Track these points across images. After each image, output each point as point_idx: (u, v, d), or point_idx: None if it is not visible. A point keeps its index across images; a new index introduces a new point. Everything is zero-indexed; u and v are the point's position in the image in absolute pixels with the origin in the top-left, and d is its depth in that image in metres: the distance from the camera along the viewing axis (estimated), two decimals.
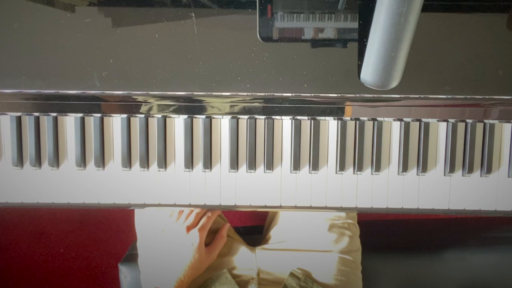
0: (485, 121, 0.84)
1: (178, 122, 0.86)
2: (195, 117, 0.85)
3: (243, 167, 0.87)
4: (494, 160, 0.86)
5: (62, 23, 0.74)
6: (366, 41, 0.68)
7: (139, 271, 1.03)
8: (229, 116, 0.84)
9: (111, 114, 0.83)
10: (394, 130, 0.87)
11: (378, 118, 0.84)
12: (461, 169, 0.87)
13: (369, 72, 0.68)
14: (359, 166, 0.86)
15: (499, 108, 0.79)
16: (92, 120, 0.86)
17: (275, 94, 0.75)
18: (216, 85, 0.75)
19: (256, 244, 1.06)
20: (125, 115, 0.84)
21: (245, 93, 0.75)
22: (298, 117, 0.84)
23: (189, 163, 0.86)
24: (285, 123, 0.86)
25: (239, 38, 0.74)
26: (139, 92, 0.76)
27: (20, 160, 0.86)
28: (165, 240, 0.95)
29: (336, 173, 0.87)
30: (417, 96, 0.75)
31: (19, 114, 0.84)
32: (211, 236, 0.98)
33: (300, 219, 1.03)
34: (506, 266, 1.10)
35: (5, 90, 0.75)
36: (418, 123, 0.86)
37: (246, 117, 0.84)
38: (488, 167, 0.86)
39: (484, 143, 0.86)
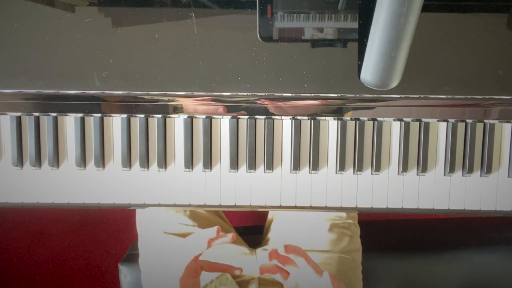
0: (485, 121, 0.84)
1: (178, 122, 0.86)
2: (195, 117, 0.85)
3: (243, 167, 0.87)
4: (494, 160, 0.86)
5: (62, 23, 0.74)
6: (366, 41, 0.68)
7: (139, 271, 1.03)
8: (229, 116, 0.84)
9: (111, 114, 0.83)
10: (394, 130, 0.86)
11: (378, 118, 0.84)
12: (461, 169, 0.87)
13: (369, 72, 0.68)
14: (359, 166, 0.86)
15: (499, 108, 0.79)
16: (92, 120, 0.86)
17: (275, 94, 0.75)
18: (216, 85, 0.75)
19: (256, 244, 1.06)
20: (125, 115, 0.84)
21: (245, 93, 0.75)
22: (298, 117, 0.84)
23: (189, 163, 0.86)
24: (285, 123, 0.86)
25: (239, 38, 0.74)
26: (139, 92, 0.76)
27: (20, 160, 0.86)
28: (167, 239, 0.95)
29: (336, 173, 0.87)
30: (417, 96, 0.75)
31: (19, 114, 0.84)
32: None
33: (301, 219, 1.02)
34: (507, 266, 1.10)
35: (5, 90, 0.75)
36: (418, 123, 0.86)
37: (246, 117, 0.84)
38: (488, 167, 0.86)
39: (484, 143, 0.86)
